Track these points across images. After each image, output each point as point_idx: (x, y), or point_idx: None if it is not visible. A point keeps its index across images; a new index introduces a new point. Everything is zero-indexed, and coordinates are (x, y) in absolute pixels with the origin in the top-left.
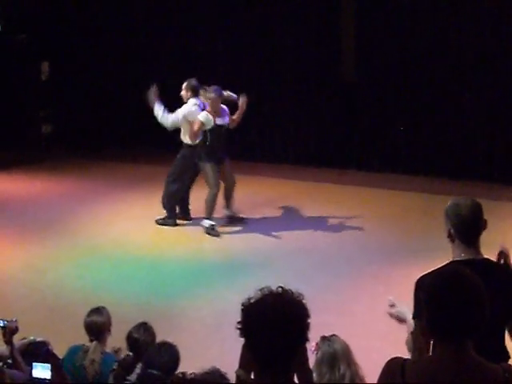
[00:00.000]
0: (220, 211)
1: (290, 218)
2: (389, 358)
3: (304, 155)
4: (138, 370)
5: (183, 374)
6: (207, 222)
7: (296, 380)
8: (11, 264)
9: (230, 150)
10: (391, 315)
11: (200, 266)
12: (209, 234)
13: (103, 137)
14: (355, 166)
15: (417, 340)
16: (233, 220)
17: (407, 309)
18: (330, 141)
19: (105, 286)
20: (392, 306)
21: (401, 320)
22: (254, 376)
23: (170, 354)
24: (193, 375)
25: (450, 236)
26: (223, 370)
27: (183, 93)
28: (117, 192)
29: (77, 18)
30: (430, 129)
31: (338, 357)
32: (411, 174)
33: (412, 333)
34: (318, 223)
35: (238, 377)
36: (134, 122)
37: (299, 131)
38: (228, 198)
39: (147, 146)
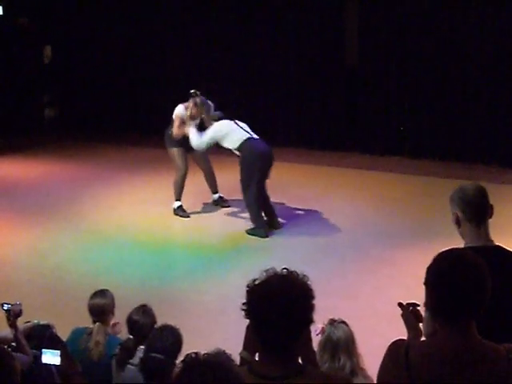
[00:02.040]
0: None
1: (293, 202)
2: (392, 341)
3: (306, 138)
4: (140, 353)
5: (196, 353)
6: (176, 204)
7: (300, 360)
8: (14, 248)
9: None
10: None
11: (204, 249)
12: (177, 215)
13: (106, 120)
14: (358, 149)
15: (427, 325)
16: (219, 203)
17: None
18: (333, 124)
19: (108, 269)
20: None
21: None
22: (259, 357)
23: (172, 337)
24: (206, 356)
25: (457, 221)
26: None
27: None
28: (120, 176)
29: (78, 2)
30: (433, 112)
31: (339, 347)
32: (414, 158)
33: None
34: (322, 206)
35: (241, 358)
36: (137, 106)
37: (302, 114)
38: (210, 182)
39: (150, 129)
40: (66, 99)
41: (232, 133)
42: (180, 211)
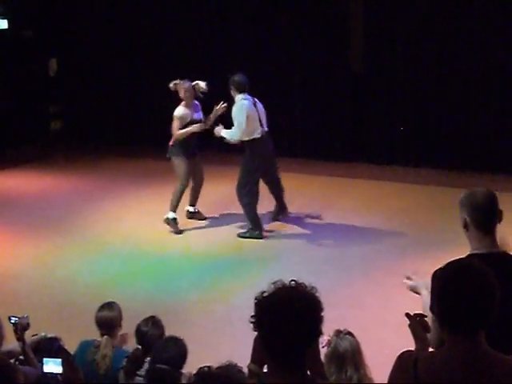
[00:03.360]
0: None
1: (300, 212)
2: (401, 352)
3: (312, 148)
4: (147, 364)
5: (209, 367)
6: (170, 214)
7: (308, 373)
8: (21, 260)
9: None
10: (407, 287)
11: (210, 260)
12: (168, 224)
13: (112, 133)
14: (364, 159)
15: (434, 332)
16: (194, 217)
17: (422, 283)
18: (338, 133)
19: (115, 281)
20: (408, 278)
21: (416, 292)
22: (267, 370)
23: (177, 347)
24: (218, 369)
25: (465, 225)
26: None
27: (231, 92)
28: (126, 188)
29: (84, 14)
30: (440, 120)
31: (346, 358)
32: (422, 167)
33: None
34: (329, 217)
35: (250, 371)
36: (143, 118)
37: (307, 124)
38: (194, 195)
39: (156, 141)
40: (72, 111)
41: (249, 123)
42: (173, 224)
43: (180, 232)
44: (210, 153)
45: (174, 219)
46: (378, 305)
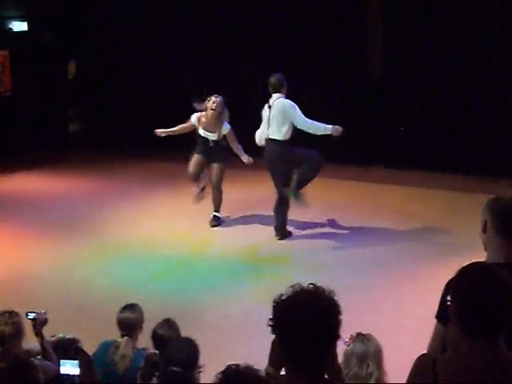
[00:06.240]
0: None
1: (316, 216)
2: (418, 355)
3: (328, 152)
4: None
5: (236, 365)
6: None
7: (326, 376)
8: (39, 262)
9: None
10: None
11: (227, 263)
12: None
13: (130, 135)
14: (381, 163)
15: (433, 339)
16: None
17: None
18: (355, 138)
19: (132, 284)
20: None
21: None
22: (285, 373)
23: (188, 349)
24: (247, 368)
25: (484, 227)
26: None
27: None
28: (144, 190)
29: (103, 17)
30: (458, 125)
31: (369, 355)
32: (438, 172)
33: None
34: (345, 221)
35: (267, 374)
36: (161, 121)
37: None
38: (213, 198)
39: (174, 144)
40: (91, 114)
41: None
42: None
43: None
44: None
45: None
46: (395, 309)
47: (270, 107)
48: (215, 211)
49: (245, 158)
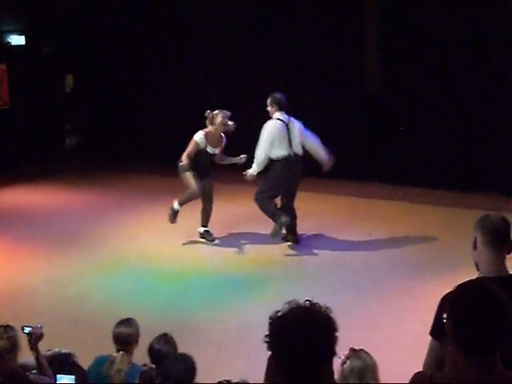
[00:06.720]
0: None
1: (313, 232)
2: (414, 372)
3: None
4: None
5: (228, 381)
6: (176, 205)
7: None
8: (35, 276)
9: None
10: None
11: (224, 278)
12: (173, 215)
13: (127, 149)
14: (378, 179)
15: (428, 355)
16: (205, 238)
17: None
18: (353, 153)
19: (129, 298)
20: None
21: None
22: None
23: (185, 364)
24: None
25: (474, 244)
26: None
27: (269, 108)
28: (141, 204)
29: (101, 31)
30: (455, 141)
31: (367, 371)
32: (435, 188)
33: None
34: (341, 237)
35: None
36: (158, 135)
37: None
38: (205, 215)
39: (171, 158)
40: (88, 128)
41: (276, 143)
42: (173, 214)
43: (174, 222)
44: (221, 172)
45: (177, 212)
46: (391, 326)
47: (287, 124)
48: (205, 226)
49: (240, 159)
